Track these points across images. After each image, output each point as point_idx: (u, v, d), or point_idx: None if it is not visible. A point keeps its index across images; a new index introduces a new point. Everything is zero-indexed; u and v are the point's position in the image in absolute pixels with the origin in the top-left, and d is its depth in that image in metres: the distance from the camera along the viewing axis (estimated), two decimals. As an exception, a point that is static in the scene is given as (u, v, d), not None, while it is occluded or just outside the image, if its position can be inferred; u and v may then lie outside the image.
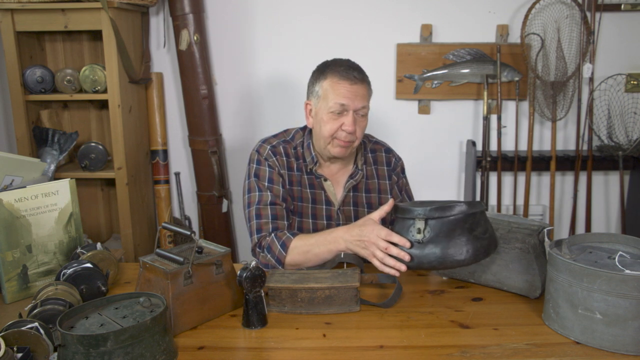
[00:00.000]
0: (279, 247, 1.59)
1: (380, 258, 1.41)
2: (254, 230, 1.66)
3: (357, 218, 1.77)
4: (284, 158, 1.75)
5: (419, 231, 1.35)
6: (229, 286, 1.38)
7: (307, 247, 1.56)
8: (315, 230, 1.76)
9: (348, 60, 1.70)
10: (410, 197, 1.87)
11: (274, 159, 1.73)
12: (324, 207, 1.76)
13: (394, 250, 1.38)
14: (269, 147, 1.75)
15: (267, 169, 1.72)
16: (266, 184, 1.70)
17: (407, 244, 1.37)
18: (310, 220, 1.75)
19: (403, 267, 1.37)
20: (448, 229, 1.33)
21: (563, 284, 1.23)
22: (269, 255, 1.60)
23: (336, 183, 1.78)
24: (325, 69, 1.68)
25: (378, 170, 1.82)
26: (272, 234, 1.63)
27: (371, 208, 1.79)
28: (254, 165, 1.73)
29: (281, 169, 1.73)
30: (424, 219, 1.35)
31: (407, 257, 1.36)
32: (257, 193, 1.70)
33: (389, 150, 1.86)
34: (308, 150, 1.76)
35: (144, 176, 2.68)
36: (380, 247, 1.40)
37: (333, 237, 1.53)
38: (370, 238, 1.43)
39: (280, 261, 1.59)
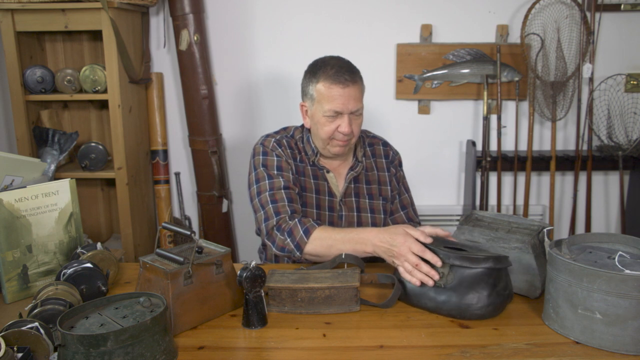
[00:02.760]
0: (301, 232, 1.57)
1: (409, 271, 1.38)
2: (271, 214, 1.63)
3: (358, 209, 1.80)
4: (288, 150, 1.78)
5: (442, 275, 1.34)
6: (229, 286, 1.38)
7: (331, 242, 1.54)
8: (319, 220, 1.77)
9: (338, 59, 1.69)
10: (407, 190, 1.90)
11: (280, 150, 1.76)
12: (327, 198, 1.79)
13: (425, 268, 1.36)
14: (273, 140, 1.78)
15: (275, 157, 1.73)
16: (275, 171, 1.71)
17: (439, 263, 1.34)
18: (315, 211, 1.76)
19: (431, 282, 1.34)
20: (472, 281, 1.31)
21: (563, 284, 1.23)
22: (288, 239, 1.58)
23: (338, 175, 1.81)
24: (317, 71, 1.68)
25: (377, 163, 1.86)
26: (296, 219, 1.60)
27: (372, 199, 1.82)
28: (260, 157, 1.74)
29: (288, 159, 1.76)
30: (449, 265, 1.34)
31: (436, 276, 1.34)
32: (267, 181, 1.69)
33: (386, 144, 1.91)
34: (308, 144, 1.79)
35: (144, 176, 2.68)
36: (411, 262, 1.38)
37: (362, 237, 1.50)
38: (401, 250, 1.41)
39: (299, 247, 1.56)
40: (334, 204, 1.79)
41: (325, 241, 1.54)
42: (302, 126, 1.83)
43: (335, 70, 1.64)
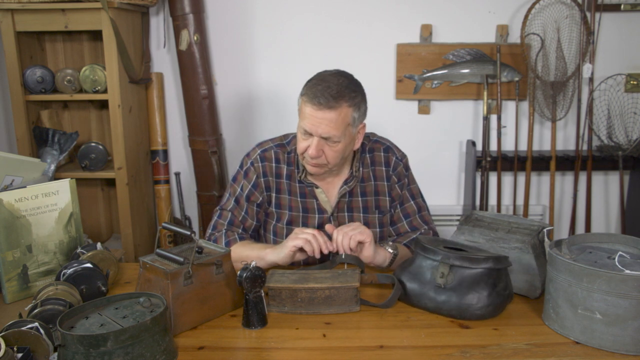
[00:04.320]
0: (223, 243, 1.67)
1: (308, 240, 1.47)
2: (211, 226, 1.74)
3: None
4: (273, 164, 1.72)
5: (442, 275, 1.34)
6: (229, 286, 1.38)
7: (242, 257, 1.57)
8: None
9: (332, 78, 1.57)
10: (414, 196, 1.78)
11: (260, 164, 1.72)
12: (317, 215, 1.72)
13: (321, 239, 1.48)
14: (259, 151, 1.74)
15: (243, 179, 1.74)
16: (238, 189, 1.74)
17: (327, 248, 1.48)
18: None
19: (325, 250, 1.48)
20: (472, 281, 1.31)
21: (563, 284, 1.23)
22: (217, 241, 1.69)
23: (330, 189, 1.73)
24: (308, 83, 1.60)
25: (375, 172, 1.75)
26: (223, 231, 1.71)
27: (367, 212, 1.73)
28: (238, 169, 1.78)
29: (268, 176, 1.72)
30: (449, 265, 1.34)
31: (330, 248, 1.48)
32: (227, 195, 1.77)
33: (388, 149, 1.77)
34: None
35: (144, 176, 2.68)
36: (308, 233, 1.49)
37: (260, 254, 1.57)
38: (293, 235, 1.51)
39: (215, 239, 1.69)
40: (325, 221, 1.71)
41: (237, 255, 1.58)
42: None
43: (319, 89, 1.53)
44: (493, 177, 2.78)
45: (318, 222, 1.72)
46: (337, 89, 1.54)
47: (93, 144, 2.45)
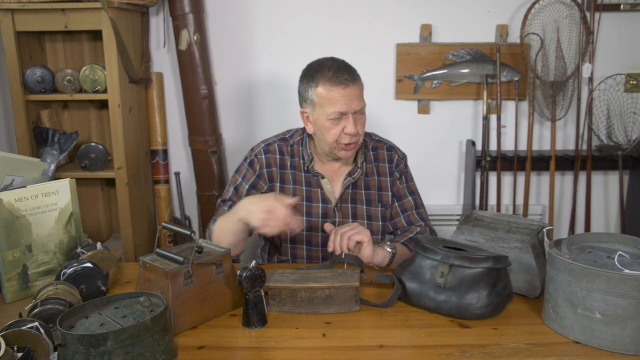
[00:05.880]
0: (214, 218, 1.70)
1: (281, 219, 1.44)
2: (213, 217, 1.73)
3: (355, 216, 1.78)
4: (277, 156, 1.78)
5: (442, 275, 1.34)
6: (229, 286, 1.38)
7: (222, 219, 1.62)
8: (310, 228, 1.76)
9: (334, 60, 1.67)
10: (412, 192, 1.84)
11: (264, 156, 1.78)
12: (320, 205, 1.77)
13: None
14: (263, 145, 1.81)
15: (249, 168, 1.78)
16: (240, 179, 1.78)
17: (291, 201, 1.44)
18: (305, 218, 1.75)
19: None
20: (472, 281, 1.31)
21: (563, 284, 1.23)
22: (210, 226, 1.68)
23: (335, 181, 1.78)
24: (314, 75, 1.64)
25: (379, 168, 1.82)
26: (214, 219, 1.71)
27: (370, 205, 1.79)
28: (242, 162, 1.82)
29: (272, 167, 1.77)
30: (449, 265, 1.34)
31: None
32: (228, 186, 1.80)
33: (391, 148, 1.86)
34: (305, 149, 1.77)
35: (144, 176, 2.68)
36: (282, 214, 1.44)
37: (236, 207, 1.55)
38: (273, 205, 1.45)
39: (209, 227, 1.68)
40: (329, 211, 1.76)
41: (219, 220, 1.63)
42: (304, 129, 1.80)
43: (334, 71, 1.61)
44: (493, 177, 2.78)
45: (322, 212, 1.76)
46: (345, 65, 1.66)
47: (93, 144, 2.45)
